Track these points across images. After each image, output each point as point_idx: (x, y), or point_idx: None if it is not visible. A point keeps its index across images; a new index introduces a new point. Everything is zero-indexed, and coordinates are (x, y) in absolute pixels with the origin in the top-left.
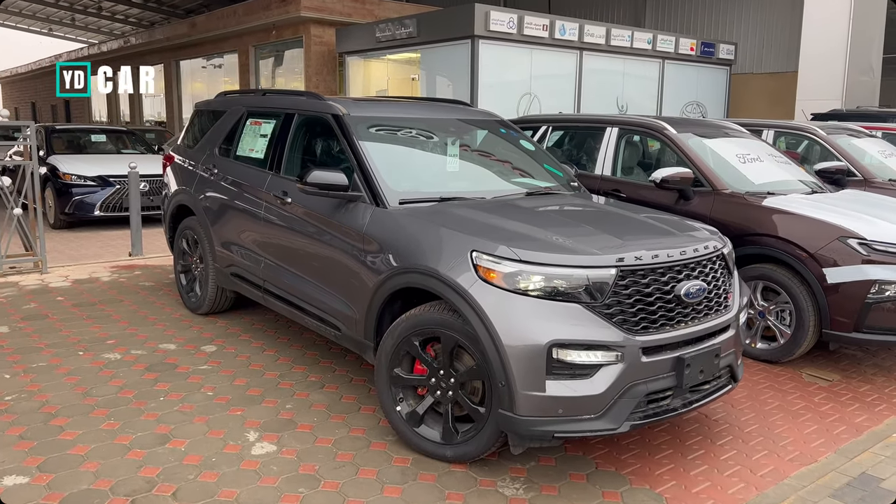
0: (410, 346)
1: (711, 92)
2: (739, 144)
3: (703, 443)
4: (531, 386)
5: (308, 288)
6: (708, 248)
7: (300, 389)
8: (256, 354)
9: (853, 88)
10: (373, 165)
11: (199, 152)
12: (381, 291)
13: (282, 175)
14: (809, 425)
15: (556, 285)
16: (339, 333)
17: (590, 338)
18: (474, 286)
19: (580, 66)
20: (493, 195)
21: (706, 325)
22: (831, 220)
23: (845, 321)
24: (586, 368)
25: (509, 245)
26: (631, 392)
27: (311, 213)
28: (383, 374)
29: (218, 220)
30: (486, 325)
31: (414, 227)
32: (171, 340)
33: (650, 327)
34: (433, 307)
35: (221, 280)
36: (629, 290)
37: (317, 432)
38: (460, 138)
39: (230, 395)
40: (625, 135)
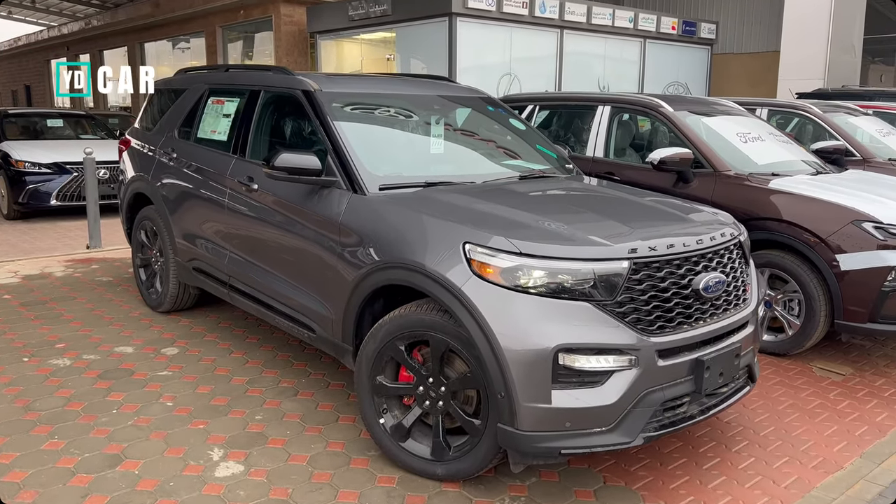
0: (395, 350)
1: (693, 72)
2: (739, 123)
3: (717, 449)
4: (535, 397)
5: (278, 285)
6: (725, 235)
7: (271, 397)
8: (223, 357)
9: (835, 68)
10: (349, 147)
11: (157, 135)
12: (360, 289)
13: (247, 159)
14: (829, 425)
15: (561, 281)
16: (313, 335)
17: (601, 340)
18: (468, 283)
19: (561, 46)
20: (483, 179)
21: (726, 321)
22: (844, 202)
23: (859, 311)
24: (596, 375)
25: (507, 236)
26: (646, 400)
27: (279, 202)
28: (364, 383)
29: (178, 210)
30: (482, 327)
31: (396, 215)
32: (129, 343)
33: (666, 327)
34: (420, 307)
35: (183, 275)
36: (643, 286)
37: (290, 448)
38: (444, 117)
39: (192, 405)
40: (617, 113)
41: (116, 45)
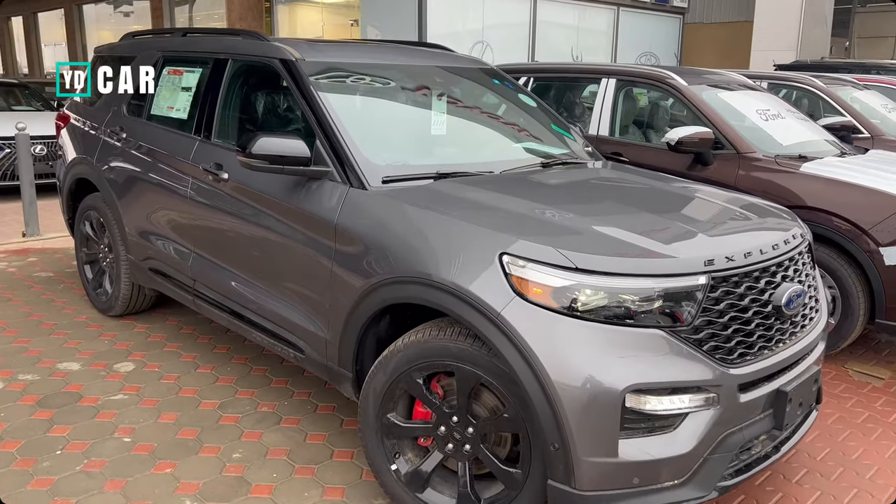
0: (411, 384)
1: (664, 42)
2: (757, 98)
3: (776, 481)
4: (599, 450)
5: (257, 294)
6: (796, 237)
7: (249, 426)
8: (187, 374)
9: (807, 39)
10: (343, 130)
11: (101, 111)
12: (363, 306)
13: (213, 141)
14: (886, 444)
15: (626, 303)
16: (301, 357)
17: (677, 377)
18: (510, 306)
19: (534, 14)
20: (500, 168)
21: (805, 342)
22: (888, 189)
23: None
24: (669, 419)
25: (557, 246)
26: (725, 445)
27: (256, 195)
28: (371, 423)
29: (130, 200)
30: (530, 363)
31: (409, 217)
32: (74, 357)
33: (747, 354)
34: (443, 330)
35: (137, 276)
36: (721, 305)
37: (279, 498)
38: (449, 92)
39: (155, 440)
40: (624, 87)
41: (52, 7)
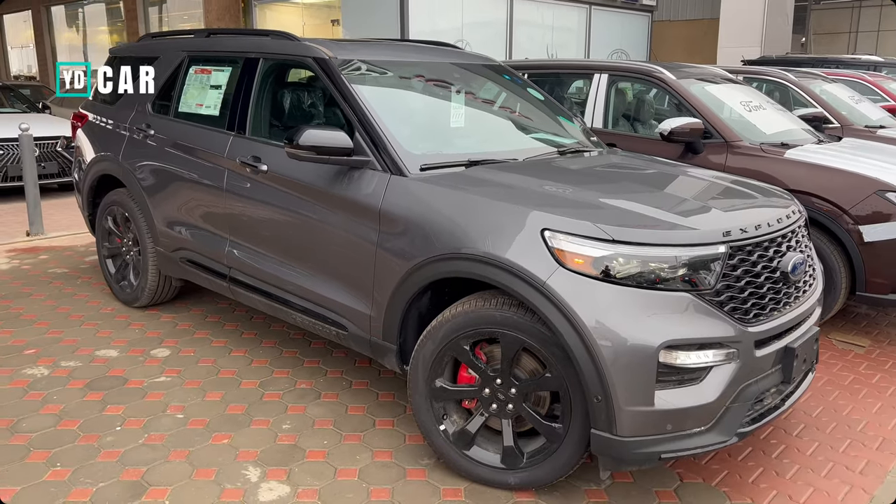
0: (459, 350)
1: (634, 39)
2: (741, 91)
3: (779, 435)
4: (637, 400)
5: (297, 277)
6: (795, 213)
7: (292, 402)
8: (223, 357)
9: (770, 35)
10: (380, 122)
11: (123, 109)
12: (409, 283)
13: (249, 136)
14: (872, 401)
15: (657, 270)
16: (344, 333)
17: (703, 334)
18: (554, 276)
19: (511, 12)
20: (523, 156)
21: (807, 304)
22: (865, 172)
23: (883, 282)
24: (696, 372)
25: (594, 221)
26: (743, 395)
27: (297, 185)
28: (421, 387)
29: (159, 194)
30: (574, 325)
31: (452, 200)
32: (109, 345)
33: (760, 314)
34: (488, 301)
35: (167, 267)
36: (738, 271)
37: (333, 461)
38: (468, 87)
39: (206, 416)
40: (616, 82)
41: (19, 9)
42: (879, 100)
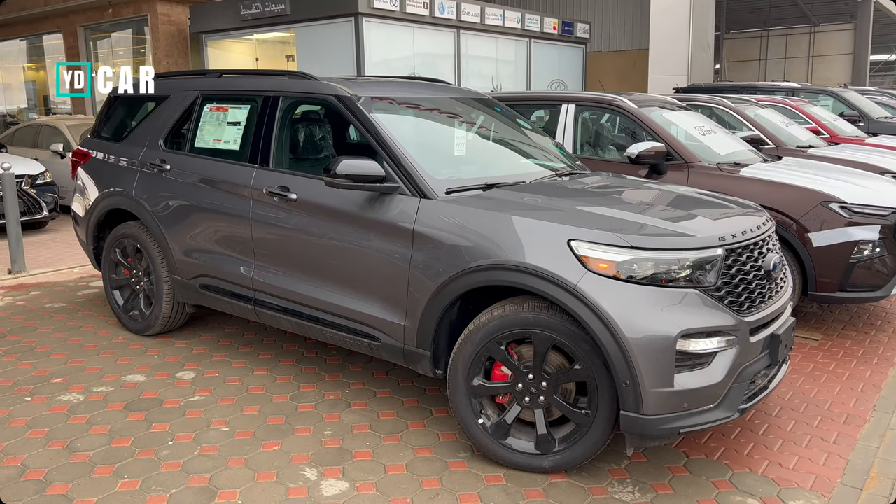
0: (495, 350)
1: (571, 70)
2: (694, 117)
3: (761, 416)
4: (660, 382)
5: (326, 295)
6: (767, 221)
7: (326, 411)
8: (247, 376)
9: (695, 64)
10: (405, 152)
11: (131, 146)
12: (444, 294)
13: (273, 168)
14: (833, 385)
15: (669, 271)
16: (377, 344)
17: (710, 324)
18: (584, 279)
19: (458, 45)
20: (529, 178)
21: (784, 298)
22: (811, 185)
23: (830, 282)
24: (704, 357)
25: (613, 231)
26: (742, 375)
27: (328, 210)
28: (461, 386)
29: (178, 224)
30: (603, 320)
31: (482, 218)
32: (133, 370)
33: (752, 306)
34: (520, 305)
35: (185, 294)
36: (733, 270)
37: (380, 459)
38: (468, 118)
39: (250, 427)
40: (582, 111)
41: None
42: (803, 122)
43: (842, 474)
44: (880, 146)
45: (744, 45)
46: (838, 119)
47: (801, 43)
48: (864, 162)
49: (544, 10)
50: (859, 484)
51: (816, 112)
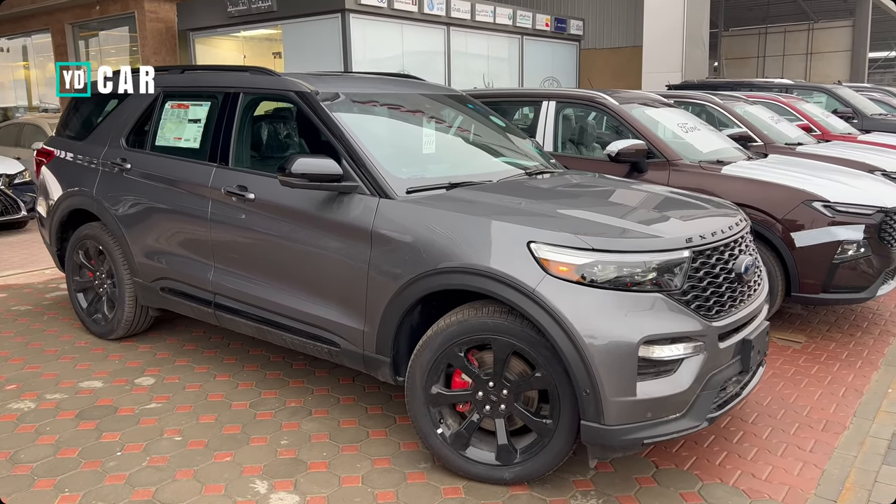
0: (454, 357)
1: (564, 67)
2: (677, 114)
3: (737, 423)
4: (622, 391)
5: (286, 298)
6: (742, 221)
7: (285, 419)
8: (208, 382)
9: (689, 61)
10: (366, 150)
11: (93, 145)
12: (403, 297)
13: (232, 167)
14: (813, 390)
15: (632, 274)
16: (336, 350)
17: (675, 329)
18: (542, 283)
19: (448, 43)
20: (497, 177)
21: (758, 301)
22: (794, 184)
23: (813, 283)
24: (670, 364)
25: (574, 232)
26: (711, 384)
27: (286, 211)
28: (419, 394)
29: (138, 226)
30: (562, 326)
31: (442, 219)
32: (91, 376)
33: (721, 311)
34: (480, 310)
35: (147, 297)
36: (700, 273)
37: (336, 470)
38: (436, 115)
39: (204, 437)
40: (563, 108)
41: None
42: (794, 119)
43: (816, 485)
44: (872, 143)
45: (742, 42)
46: (830, 116)
47: (800, 40)
48: (853, 160)
49: (537, 6)
50: (833, 496)
51: (808, 109)
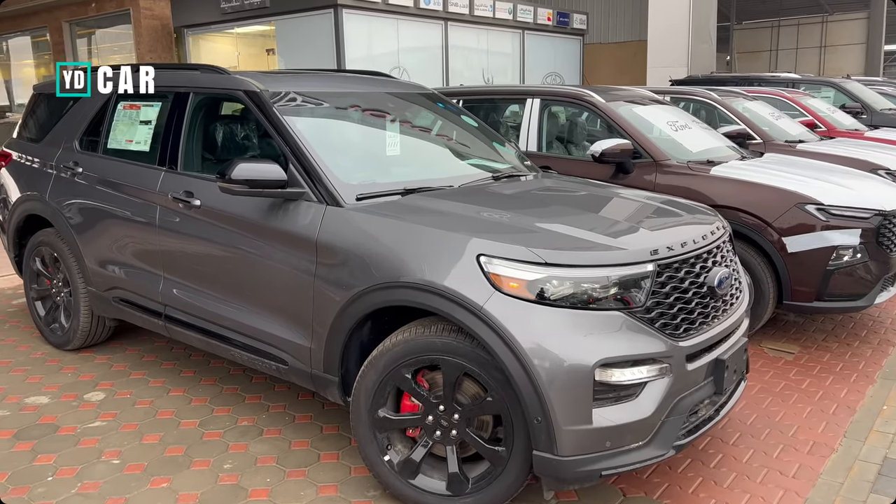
0: (401, 379)
1: (567, 62)
2: (666, 111)
3: (716, 444)
4: (576, 419)
5: (234, 313)
6: (720, 228)
7: (233, 439)
8: (160, 398)
9: (695, 55)
10: (314, 153)
11: (49, 147)
12: (349, 313)
13: (181, 171)
14: (802, 406)
15: (589, 290)
16: (284, 368)
17: (636, 351)
18: (490, 300)
19: (446, 38)
20: (458, 182)
21: (734, 317)
22: (786, 186)
23: (807, 290)
24: (631, 388)
25: (527, 244)
26: (678, 408)
27: (231, 218)
28: (364, 418)
29: (89, 233)
30: (512, 348)
31: (388, 228)
32: (40, 391)
33: (690, 329)
34: (428, 328)
35: (100, 307)
36: (667, 288)
37: (277, 498)
38: (402, 115)
39: (144, 459)
40: (547, 106)
41: None
42: (798, 115)
43: None
44: (878, 140)
45: (755, 35)
46: (837, 111)
47: (814, 33)
48: (855, 158)
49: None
50: None
51: (813, 104)
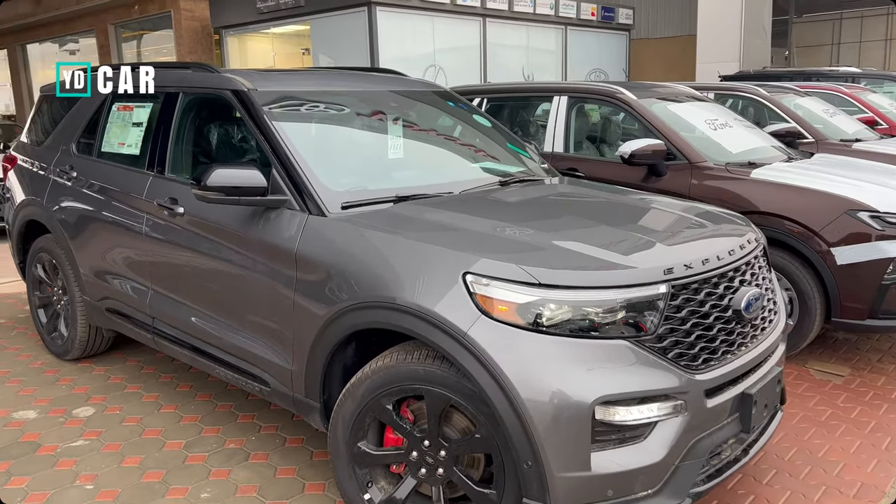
0: (381, 410)
1: (612, 58)
2: (704, 108)
3: (748, 483)
4: (572, 465)
5: (217, 328)
6: (751, 241)
7: (217, 464)
8: (151, 415)
9: (748, 50)
10: (298, 158)
11: (49, 150)
12: (329, 334)
13: (167, 176)
14: (850, 439)
15: (590, 316)
16: (267, 390)
17: (644, 387)
18: (476, 325)
19: (484, 35)
20: (460, 188)
21: (766, 344)
22: (835, 190)
23: (858, 307)
24: (638, 429)
25: (519, 262)
26: (695, 451)
27: (213, 228)
28: (342, 452)
29: (83, 240)
30: (498, 381)
31: (370, 241)
32: (30, 405)
33: (711, 359)
34: (410, 353)
35: (94, 317)
36: (683, 312)
37: None
38: (404, 116)
39: (119, 485)
40: (576, 104)
41: None
42: (857, 112)
43: None
44: None
45: (815, 28)
46: None
47: (878, 25)
48: None
49: None
50: None
51: (874, 100)
